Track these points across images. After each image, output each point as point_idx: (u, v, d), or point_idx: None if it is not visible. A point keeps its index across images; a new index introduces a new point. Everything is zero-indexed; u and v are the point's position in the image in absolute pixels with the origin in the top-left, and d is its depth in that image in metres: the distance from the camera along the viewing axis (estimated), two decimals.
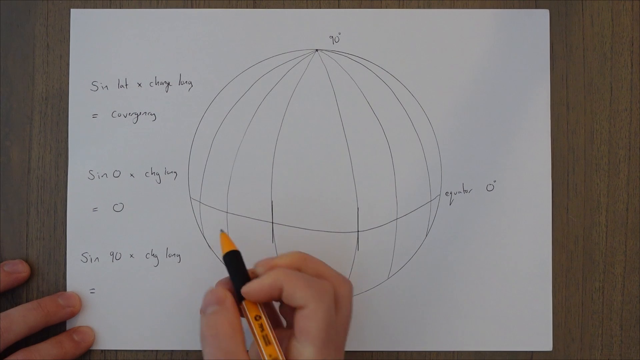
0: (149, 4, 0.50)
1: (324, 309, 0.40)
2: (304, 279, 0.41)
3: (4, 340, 0.45)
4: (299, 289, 0.40)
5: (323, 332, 0.40)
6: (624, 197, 0.50)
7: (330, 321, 0.40)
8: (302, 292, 0.40)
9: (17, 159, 0.50)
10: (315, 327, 0.40)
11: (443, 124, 0.50)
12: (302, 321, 0.40)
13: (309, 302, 0.40)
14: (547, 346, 0.49)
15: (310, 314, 0.40)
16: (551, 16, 0.50)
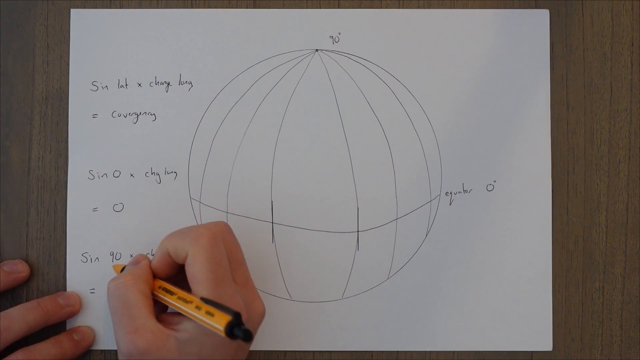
0: (149, 4, 0.50)
1: (202, 251, 0.41)
2: (180, 233, 0.42)
3: (3, 340, 0.45)
4: (177, 243, 0.42)
5: (210, 272, 0.40)
6: (624, 197, 0.50)
7: (216, 260, 0.41)
8: (180, 243, 0.42)
9: (17, 159, 0.50)
10: (199, 270, 0.40)
11: (443, 124, 0.50)
12: (188, 270, 0.41)
13: (188, 249, 0.41)
14: (547, 346, 0.49)
15: (191, 260, 0.41)
16: (551, 16, 0.50)
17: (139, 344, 0.40)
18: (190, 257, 0.41)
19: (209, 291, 0.40)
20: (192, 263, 0.41)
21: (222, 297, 0.40)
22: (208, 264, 0.40)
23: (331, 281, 0.49)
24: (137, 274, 0.43)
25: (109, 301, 0.43)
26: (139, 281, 0.42)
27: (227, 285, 0.40)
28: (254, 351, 0.49)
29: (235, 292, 0.41)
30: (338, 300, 0.49)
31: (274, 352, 0.49)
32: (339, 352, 0.49)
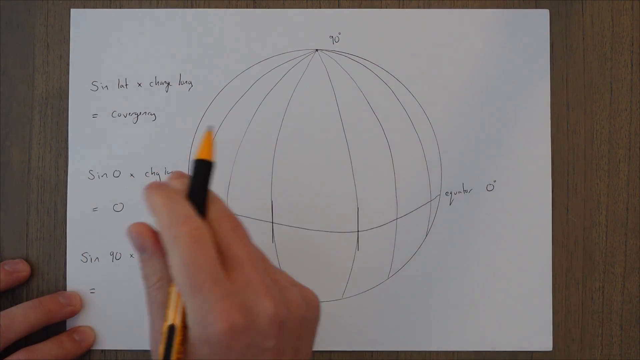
0: (149, 4, 0.50)
1: (178, 257, 0.35)
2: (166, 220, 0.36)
3: (4, 339, 0.45)
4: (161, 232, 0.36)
5: (186, 278, 0.35)
6: (624, 197, 0.50)
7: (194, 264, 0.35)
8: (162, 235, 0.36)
9: (17, 159, 0.50)
10: (174, 276, 0.35)
11: (443, 124, 0.50)
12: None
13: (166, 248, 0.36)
14: (547, 346, 0.49)
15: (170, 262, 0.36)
16: (551, 16, 0.50)
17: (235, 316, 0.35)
18: (169, 258, 0.36)
19: (184, 294, 0.35)
20: (170, 266, 0.36)
21: (203, 305, 0.34)
22: (184, 268, 0.35)
23: (331, 281, 0.49)
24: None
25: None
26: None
27: (209, 291, 0.34)
28: None
29: (222, 298, 0.35)
30: (338, 300, 0.49)
31: None
32: (339, 352, 0.49)
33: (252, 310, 0.35)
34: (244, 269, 0.36)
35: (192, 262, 0.35)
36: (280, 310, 0.36)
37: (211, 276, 0.35)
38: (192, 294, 0.34)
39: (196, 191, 0.38)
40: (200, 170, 0.38)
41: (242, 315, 0.35)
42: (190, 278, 0.34)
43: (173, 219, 0.36)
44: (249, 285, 0.36)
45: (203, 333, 0.35)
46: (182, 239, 0.35)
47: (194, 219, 0.36)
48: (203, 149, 0.38)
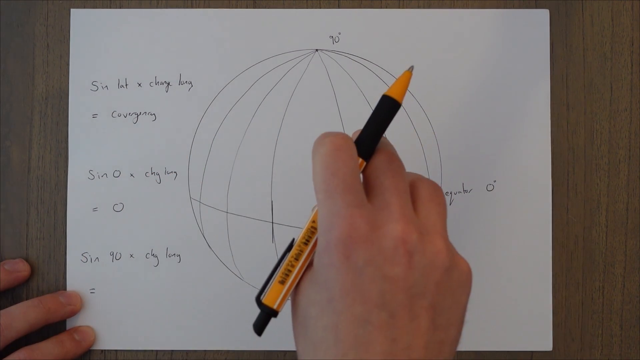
0: (149, 4, 0.50)
1: (318, 159, 0.34)
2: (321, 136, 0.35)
3: (4, 337, 0.45)
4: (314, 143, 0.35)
5: (322, 182, 0.33)
6: (624, 197, 0.50)
7: (331, 170, 0.33)
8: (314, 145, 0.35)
9: (17, 159, 0.50)
10: (313, 177, 0.34)
11: (443, 124, 0.50)
12: None
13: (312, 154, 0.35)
14: (547, 346, 0.49)
15: (312, 167, 0.35)
16: (551, 16, 0.50)
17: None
18: (312, 166, 0.34)
19: (317, 200, 0.33)
20: (312, 173, 0.34)
21: (330, 209, 0.33)
22: (321, 172, 0.33)
23: None
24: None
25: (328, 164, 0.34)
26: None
27: (340, 196, 0.33)
28: (253, 351, 0.49)
29: (351, 205, 0.32)
30: None
31: (274, 352, 0.49)
32: None
33: (380, 228, 0.33)
34: (385, 195, 0.34)
35: (329, 166, 0.33)
36: (410, 238, 0.32)
37: (346, 183, 0.33)
38: (324, 199, 0.33)
39: (372, 126, 0.36)
40: (384, 107, 0.36)
41: (366, 227, 0.32)
42: (325, 182, 0.33)
43: (324, 134, 0.35)
44: (386, 208, 0.33)
45: (325, 239, 0.33)
46: (324, 145, 0.34)
47: (342, 133, 0.35)
48: (397, 87, 0.36)
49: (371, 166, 0.35)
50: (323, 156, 0.34)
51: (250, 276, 0.49)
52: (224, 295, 0.49)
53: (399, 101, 0.36)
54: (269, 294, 0.35)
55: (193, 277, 0.49)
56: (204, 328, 0.49)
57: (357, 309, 0.32)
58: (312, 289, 0.33)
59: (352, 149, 0.34)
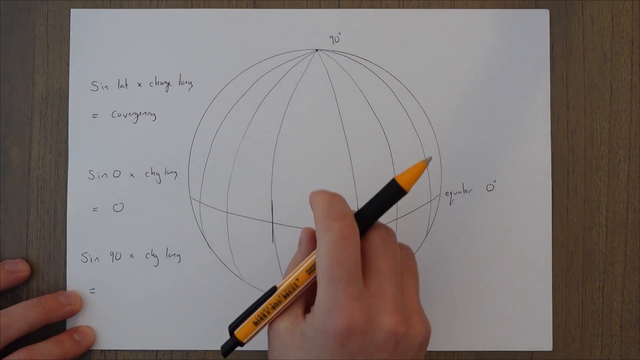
0: (149, 4, 0.50)
1: (325, 248, 0.37)
2: (325, 209, 0.38)
3: (4, 337, 0.45)
4: (316, 221, 0.38)
5: (327, 269, 0.37)
6: (624, 197, 0.50)
7: (337, 259, 0.37)
8: (316, 224, 0.38)
9: (17, 159, 0.50)
10: (317, 263, 0.37)
11: (443, 124, 0.50)
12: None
13: (318, 238, 0.38)
14: (547, 346, 0.49)
15: (317, 250, 0.38)
16: (551, 16, 0.50)
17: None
18: (317, 247, 0.38)
19: (319, 283, 0.37)
20: (316, 254, 0.38)
21: (332, 298, 0.36)
22: (328, 260, 0.37)
23: None
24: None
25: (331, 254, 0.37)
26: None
27: (343, 288, 0.36)
28: (253, 351, 0.49)
29: (351, 298, 0.36)
30: None
31: None
32: None
33: (375, 320, 0.37)
34: (381, 280, 0.38)
35: (336, 256, 0.36)
36: (400, 330, 0.37)
37: (349, 275, 0.36)
38: (327, 285, 0.36)
39: (373, 206, 0.39)
40: (391, 190, 0.39)
41: (364, 321, 0.37)
42: (330, 270, 0.36)
43: (329, 212, 0.38)
44: (381, 296, 0.38)
45: (323, 323, 0.37)
46: (332, 232, 0.37)
47: (349, 218, 0.38)
48: (408, 175, 0.39)
49: (369, 243, 0.39)
50: (331, 243, 0.37)
51: (250, 276, 0.49)
52: (224, 295, 0.49)
53: (406, 190, 0.39)
54: (242, 329, 0.40)
55: (193, 277, 0.49)
56: (204, 328, 0.49)
57: None
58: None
59: (357, 237, 0.38)
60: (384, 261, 0.38)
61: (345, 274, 0.36)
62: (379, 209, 0.39)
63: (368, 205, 0.39)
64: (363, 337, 0.37)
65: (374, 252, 0.39)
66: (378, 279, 0.38)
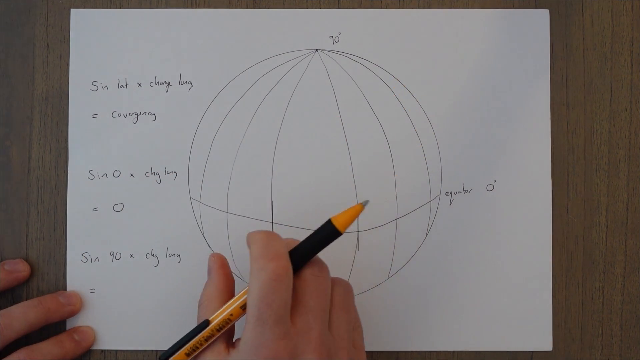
0: (149, 4, 0.50)
1: (257, 288, 0.38)
2: (259, 248, 0.39)
3: (4, 337, 0.45)
4: (251, 259, 0.39)
5: (255, 309, 0.38)
6: (624, 197, 0.50)
7: (267, 301, 0.38)
8: (251, 263, 0.39)
9: (17, 159, 0.50)
10: (248, 302, 0.38)
11: (443, 124, 0.50)
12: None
13: (250, 276, 0.39)
14: (547, 346, 0.49)
15: (248, 288, 0.39)
16: (551, 16, 0.50)
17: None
18: (249, 284, 0.39)
19: (248, 324, 0.38)
20: (248, 292, 0.39)
21: (259, 337, 0.38)
22: (257, 300, 0.38)
23: None
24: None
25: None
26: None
27: (269, 328, 0.38)
28: None
29: (278, 337, 0.38)
30: None
31: None
32: None
33: (299, 357, 0.38)
34: (308, 318, 0.39)
35: (266, 297, 0.37)
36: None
37: (277, 316, 0.38)
38: (255, 324, 0.38)
39: (309, 244, 0.40)
40: (326, 230, 0.40)
41: (287, 357, 0.38)
42: (259, 310, 0.37)
43: (265, 252, 0.39)
44: (307, 334, 0.39)
45: (249, 357, 0.38)
46: (265, 272, 0.38)
47: (284, 259, 0.39)
48: (344, 216, 0.40)
49: (301, 280, 0.40)
50: (262, 283, 0.38)
51: None
52: None
53: (341, 231, 0.40)
54: (177, 356, 0.41)
55: (193, 277, 0.49)
56: None
57: None
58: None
59: (289, 278, 0.39)
60: (312, 299, 0.39)
61: (273, 315, 0.37)
62: (314, 247, 0.40)
63: (303, 243, 0.40)
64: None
65: (304, 289, 0.40)
66: (305, 317, 0.39)
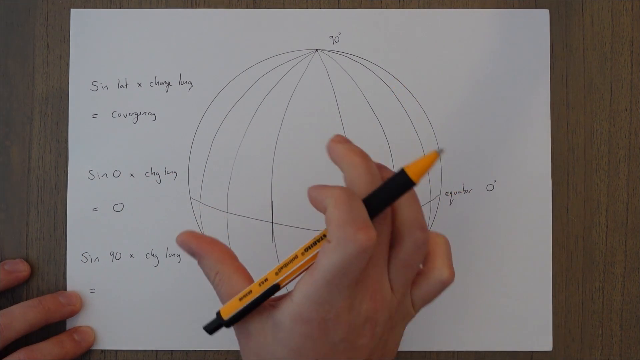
0: (149, 4, 0.50)
1: (338, 255, 0.35)
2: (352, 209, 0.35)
3: (4, 337, 0.45)
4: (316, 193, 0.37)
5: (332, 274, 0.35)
6: (624, 197, 0.50)
7: (343, 269, 0.35)
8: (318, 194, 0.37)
9: (17, 159, 0.50)
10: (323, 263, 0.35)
11: (443, 124, 0.50)
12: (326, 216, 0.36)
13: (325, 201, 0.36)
14: (547, 346, 0.49)
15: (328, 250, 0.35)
16: (551, 16, 0.50)
17: None
18: (327, 248, 0.35)
19: (311, 280, 0.36)
20: (324, 253, 0.36)
21: (323, 295, 0.35)
22: (334, 267, 0.35)
23: None
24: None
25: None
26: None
27: (340, 291, 0.36)
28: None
29: (345, 297, 0.36)
30: None
31: None
32: None
33: (356, 306, 0.37)
34: (367, 267, 0.36)
35: (346, 267, 0.35)
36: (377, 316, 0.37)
37: (351, 282, 0.35)
38: (325, 285, 0.35)
39: (380, 197, 0.36)
40: (398, 182, 0.36)
41: (346, 309, 0.36)
42: (333, 276, 0.35)
43: (351, 218, 0.35)
44: (364, 282, 0.37)
45: (307, 312, 0.36)
46: (353, 244, 0.35)
47: (372, 228, 0.35)
48: (419, 166, 0.35)
49: None
50: (347, 255, 0.35)
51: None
52: None
53: (415, 182, 0.36)
54: (227, 306, 0.38)
55: (193, 277, 0.49)
56: None
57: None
58: (279, 348, 0.37)
59: (373, 249, 0.35)
60: (375, 253, 0.37)
61: (347, 282, 0.35)
62: (386, 200, 0.36)
63: (374, 195, 0.36)
64: (345, 326, 0.36)
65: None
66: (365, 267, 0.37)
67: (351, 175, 0.37)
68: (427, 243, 0.38)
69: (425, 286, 0.39)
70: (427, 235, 0.37)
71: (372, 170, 0.37)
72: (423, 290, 0.39)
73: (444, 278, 0.38)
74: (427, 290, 0.39)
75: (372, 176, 0.37)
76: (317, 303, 0.36)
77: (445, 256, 0.39)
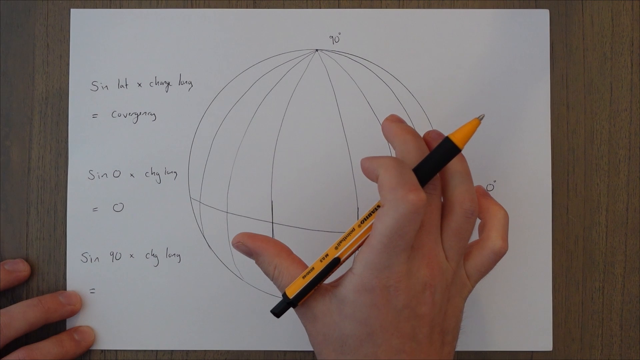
0: (149, 4, 0.50)
1: (393, 216, 0.37)
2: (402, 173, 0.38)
3: (3, 336, 0.45)
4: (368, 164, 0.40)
5: (386, 236, 0.37)
6: (624, 197, 0.50)
7: (400, 230, 0.37)
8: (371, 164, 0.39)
9: (17, 159, 0.50)
10: (380, 228, 0.37)
11: (443, 124, 0.50)
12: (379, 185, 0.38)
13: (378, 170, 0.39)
14: (547, 346, 0.49)
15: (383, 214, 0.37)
16: (551, 16, 0.50)
17: None
18: (382, 212, 0.38)
19: (370, 248, 0.37)
20: (378, 218, 0.38)
21: (383, 261, 0.37)
22: (390, 230, 0.37)
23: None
24: None
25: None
26: None
27: (396, 254, 0.37)
28: (253, 351, 0.49)
29: (402, 262, 0.37)
30: None
31: (274, 352, 0.49)
32: None
33: (414, 272, 0.38)
34: (422, 234, 0.39)
35: (401, 228, 0.37)
36: (434, 282, 0.39)
37: (407, 245, 0.37)
38: (383, 250, 0.37)
39: (428, 164, 0.39)
40: (444, 149, 0.39)
41: (406, 275, 0.38)
42: (390, 239, 0.37)
43: (401, 181, 0.37)
44: (421, 249, 0.39)
45: (369, 282, 0.38)
46: (405, 204, 0.37)
47: (421, 190, 0.37)
48: (463, 132, 0.39)
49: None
50: (400, 215, 0.37)
51: (250, 276, 0.49)
52: (224, 295, 0.49)
53: (460, 147, 0.39)
54: (292, 285, 0.39)
55: (193, 277, 0.49)
56: (204, 328, 0.49)
57: (394, 342, 0.38)
58: (346, 323, 0.38)
59: (424, 210, 0.37)
60: (425, 216, 0.39)
61: (403, 244, 0.37)
62: (434, 167, 0.39)
63: (422, 164, 0.39)
64: (406, 293, 0.38)
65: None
66: (419, 233, 0.38)
67: (402, 151, 0.40)
68: (476, 213, 0.40)
69: (479, 257, 0.40)
70: (476, 206, 0.40)
71: (421, 146, 0.40)
72: (477, 260, 0.41)
73: (497, 248, 0.40)
74: (480, 260, 0.40)
75: (422, 152, 0.40)
76: (377, 269, 0.37)
77: (502, 228, 0.41)
